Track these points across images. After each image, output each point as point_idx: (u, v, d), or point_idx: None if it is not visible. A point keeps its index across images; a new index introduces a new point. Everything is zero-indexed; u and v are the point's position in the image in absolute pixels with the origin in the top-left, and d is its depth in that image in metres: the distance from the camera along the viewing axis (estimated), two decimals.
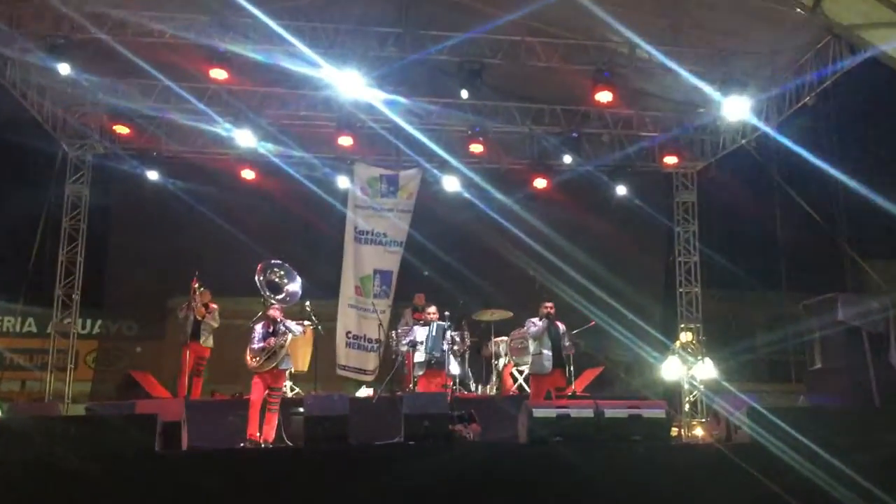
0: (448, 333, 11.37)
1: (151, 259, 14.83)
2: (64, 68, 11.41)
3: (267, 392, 10.16)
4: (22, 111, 12.83)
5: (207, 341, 12.27)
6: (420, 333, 11.44)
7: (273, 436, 10.10)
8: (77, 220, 14.29)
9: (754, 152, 13.86)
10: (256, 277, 10.98)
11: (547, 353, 10.62)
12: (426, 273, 14.24)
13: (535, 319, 10.82)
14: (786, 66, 12.42)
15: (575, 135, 14.21)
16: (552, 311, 10.80)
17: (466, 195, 14.74)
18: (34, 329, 19.02)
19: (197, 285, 11.90)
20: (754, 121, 13.08)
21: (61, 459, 7.47)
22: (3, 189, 15.76)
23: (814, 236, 14.11)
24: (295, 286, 11.28)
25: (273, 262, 11.31)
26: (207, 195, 14.17)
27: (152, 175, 14.16)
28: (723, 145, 14.74)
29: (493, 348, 13.06)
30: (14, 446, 7.63)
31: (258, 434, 10.01)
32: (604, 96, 12.22)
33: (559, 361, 10.72)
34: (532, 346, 10.83)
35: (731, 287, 17.52)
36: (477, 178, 14.71)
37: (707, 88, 12.13)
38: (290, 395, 11.62)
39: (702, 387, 13.02)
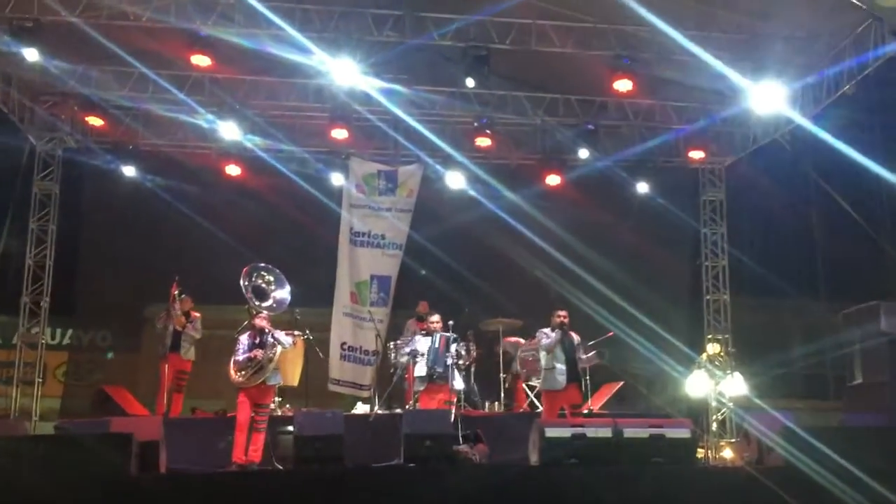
0: (452, 345, 11.37)
1: (127, 263, 14.85)
2: (31, 54, 11.45)
3: (254, 409, 10.15)
4: None
5: (188, 353, 12.30)
6: (422, 344, 11.43)
7: (260, 457, 10.10)
8: (46, 220, 14.32)
9: (788, 146, 13.85)
10: (241, 282, 10.97)
11: (560, 366, 10.59)
12: (423, 273, 14.26)
13: (547, 330, 10.80)
14: (823, 52, 12.40)
15: (591, 127, 14.22)
16: (566, 320, 10.78)
17: (471, 193, 14.77)
18: None
19: (177, 292, 11.91)
20: (788, 112, 13.05)
21: (28, 483, 7.49)
22: None
23: (854, 238, 14.06)
24: (283, 292, 11.27)
25: (260, 265, 11.30)
26: (188, 193, 14.20)
27: (128, 171, 14.18)
28: (754, 139, 14.73)
29: (507, 349, 13.03)
30: None
31: (244, 457, 10.00)
32: (623, 85, 12.23)
33: (574, 376, 10.69)
34: (544, 360, 10.80)
35: (764, 294, 17.45)
36: (483, 174, 14.74)
37: (737, 76, 12.12)
38: (278, 412, 11.62)
39: (731, 404, 13.01)
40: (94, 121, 13.62)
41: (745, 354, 14.59)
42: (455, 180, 14.73)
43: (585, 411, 10.78)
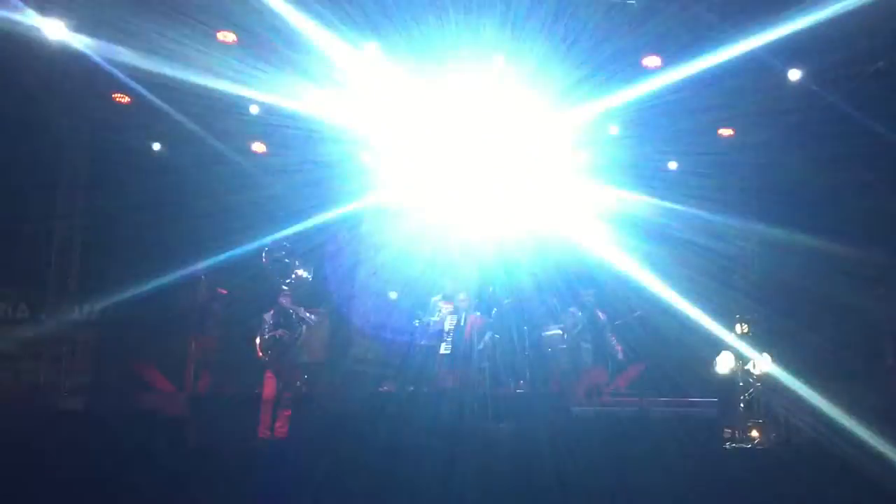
0: (478, 322, 11.34)
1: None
2: None
3: (280, 386, 10.24)
4: None
5: (215, 330, 12.36)
6: (448, 322, 11.43)
7: (286, 432, 10.17)
8: None
9: None
10: (263, 260, 11.05)
11: (587, 346, 10.58)
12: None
13: (575, 309, 10.78)
14: None
15: None
16: (591, 298, 10.76)
17: None
18: (27, 314, 19.22)
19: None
20: None
21: (55, 458, 7.59)
22: None
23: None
24: (305, 269, 11.34)
25: (280, 243, 11.37)
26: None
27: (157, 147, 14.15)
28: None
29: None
30: (4, 442, 7.76)
31: (270, 432, 10.09)
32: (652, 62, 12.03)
33: (601, 355, 10.68)
34: (570, 339, 10.79)
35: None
36: None
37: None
38: (303, 389, 11.68)
39: (759, 384, 12.93)
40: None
41: (774, 334, 14.47)
42: None
43: (612, 391, 10.77)
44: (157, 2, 10.55)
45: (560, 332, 12.18)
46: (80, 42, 11.13)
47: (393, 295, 13.79)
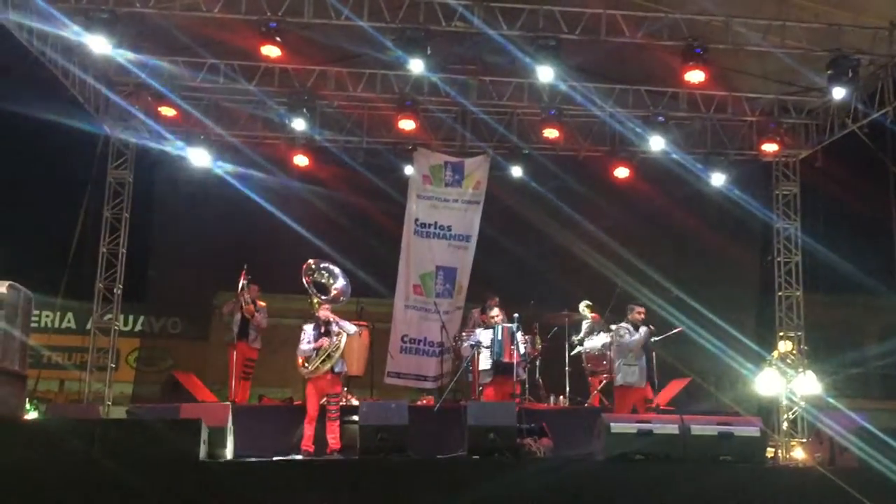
0: (517, 337, 11.33)
1: (197, 251, 15.10)
2: (104, 45, 11.65)
3: (325, 400, 10.28)
4: (62, 90, 13.12)
5: (256, 342, 12.44)
6: (485, 336, 11.43)
7: (339, 444, 10.20)
8: (119, 208, 14.56)
9: (867, 139, 13.47)
10: (303, 279, 11.17)
11: (642, 364, 10.58)
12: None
13: (628, 326, 10.76)
14: None
15: (661, 119, 14.02)
16: (642, 315, 10.78)
17: (535, 185, 14.68)
18: (73, 325, 19.56)
19: (245, 281, 12.03)
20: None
21: (99, 465, 7.68)
22: (42, 175, 16.19)
23: None
24: (342, 284, 11.44)
25: (317, 263, 11.48)
26: (258, 182, 14.38)
27: (199, 160, 14.40)
28: (830, 130, 14.37)
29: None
30: (51, 449, 7.87)
31: (312, 447, 10.13)
32: (695, 76, 12.06)
33: (651, 372, 10.71)
34: (621, 355, 10.75)
35: (839, 291, 17.11)
36: (551, 166, 14.65)
37: (812, 68, 11.85)
38: (344, 401, 11.71)
39: (803, 403, 12.75)
40: (167, 111, 13.85)
41: (817, 352, 14.30)
42: (521, 172, 14.68)
43: (653, 407, 10.71)
44: None
45: (604, 343, 12.18)
46: None
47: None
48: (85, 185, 14.01)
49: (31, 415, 11.53)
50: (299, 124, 13.81)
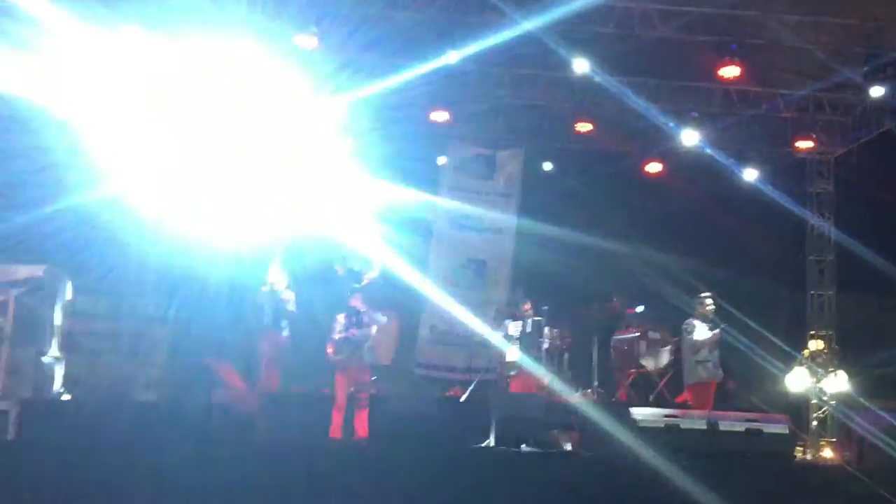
0: (545, 329, 11.36)
1: None
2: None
3: (353, 389, 10.38)
4: None
5: (286, 330, 12.53)
6: (512, 328, 11.47)
7: (367, 432, 10.29)
8: None
9: None
10: (338, 271, 11.30)
11: (716, 358, 10.62)
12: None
13: (696, 321, 10.76)
14: None
15: (695, 114, 13.98)
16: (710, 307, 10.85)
17: (567, 178, 14.69)
18: (107, 309, 19.68)
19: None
20: None
21: (130, 448, 7.82)
22: None
23: None
24: (375, 273, 11.55)
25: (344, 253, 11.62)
26: None
27: None
28: (867, 128, 14.25)
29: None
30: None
31: (340, 432, 10.22)
32: (730, 71, 12.04)
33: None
34: (692, 352, 10.79)
35: (872, 290, 16.89)
36: (583, 161, 14.65)
37: (849, 65, 11.76)
38: (373, 390, 11.80)
39: (833, 402, 12.68)
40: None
41: (849, 352, 14.18)
42: (553, 166, 14.70)
43: (681, 402, 10.72)
44: None
45: (633, 336, 12.18)
46: None
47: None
48: None
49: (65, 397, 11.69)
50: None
